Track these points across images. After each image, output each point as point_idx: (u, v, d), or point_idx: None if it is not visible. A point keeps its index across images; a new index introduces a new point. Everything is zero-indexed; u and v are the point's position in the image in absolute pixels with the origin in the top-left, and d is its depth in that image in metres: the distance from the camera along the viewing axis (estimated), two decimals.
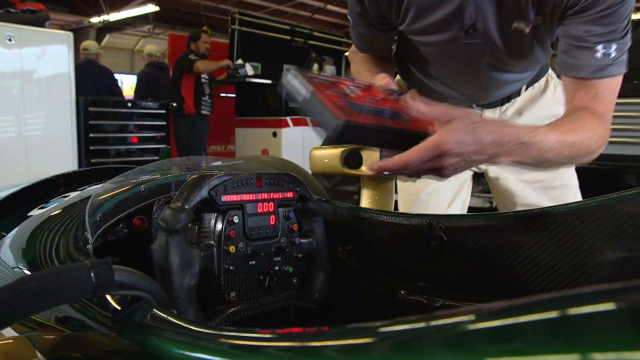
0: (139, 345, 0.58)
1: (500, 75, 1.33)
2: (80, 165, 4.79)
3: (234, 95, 7.27)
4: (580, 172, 1.57)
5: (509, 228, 0.98)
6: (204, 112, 5.99)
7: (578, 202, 0.96)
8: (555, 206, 0.97)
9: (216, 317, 0.86)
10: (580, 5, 1.09)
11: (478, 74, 1.31)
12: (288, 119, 6.62)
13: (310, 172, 1.90)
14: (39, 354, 0.63)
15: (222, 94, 7.39)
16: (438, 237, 1.04)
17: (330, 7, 12.56)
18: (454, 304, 1.02)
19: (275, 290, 0.94)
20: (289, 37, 7.74)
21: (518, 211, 1.02)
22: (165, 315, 0.60)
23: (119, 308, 0.63)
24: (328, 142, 0.80)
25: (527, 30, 1.17)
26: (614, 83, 1.11)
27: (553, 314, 0.42)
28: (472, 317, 0.45)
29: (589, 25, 1.09)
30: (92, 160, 4.98)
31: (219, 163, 1.27)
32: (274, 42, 7.53)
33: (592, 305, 0.42)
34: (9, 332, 0.71)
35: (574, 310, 0.42)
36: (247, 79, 6.43)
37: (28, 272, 0.87)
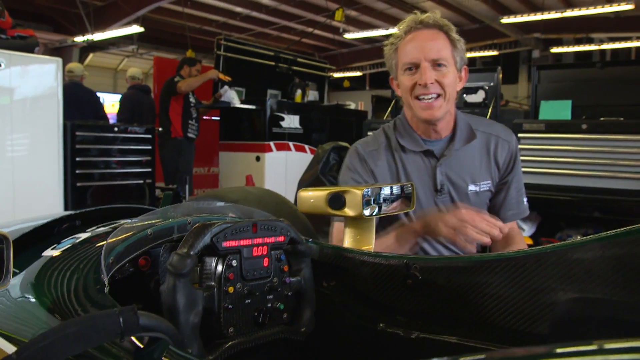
0: None
1: None
2: (65, 189, 4.81)
3: (218, 118, 7.36)
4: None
5: (476, 269, 1.08)
6: (190, 135, 6.04)
7: (536, 247, 1.07)
8: (517, 251, 1.09)
9: (215, 350, 0.94)
10: (509, 165, 1.77)
11: None
12: (271, 143, 6.71)
13: (292, 200, 2.00)
14: None
15: (205, 117, 7.49)
16: (414, 276, 1.13)
17: (316, 31, 12.75)
18: (428, 336, 1.13)
19: (268, 325, 1.03)
20: (273, 63, 7.87)
21: (484, 254, 1.14)
22: (180, 352, 0.70)
23: (141, 346, 0.73)
24: None
25: (478, 190, 1.74)
26: None
27: None
28: None
29: (517, 181, 1.79)
30: (78, 184, 4.99)
31: (221, 204, 1.36)
32: (259, 68, 7.65)
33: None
34: None
35: None
36: (232, 105, 6.53)
37: (45, 311, 0.96)
